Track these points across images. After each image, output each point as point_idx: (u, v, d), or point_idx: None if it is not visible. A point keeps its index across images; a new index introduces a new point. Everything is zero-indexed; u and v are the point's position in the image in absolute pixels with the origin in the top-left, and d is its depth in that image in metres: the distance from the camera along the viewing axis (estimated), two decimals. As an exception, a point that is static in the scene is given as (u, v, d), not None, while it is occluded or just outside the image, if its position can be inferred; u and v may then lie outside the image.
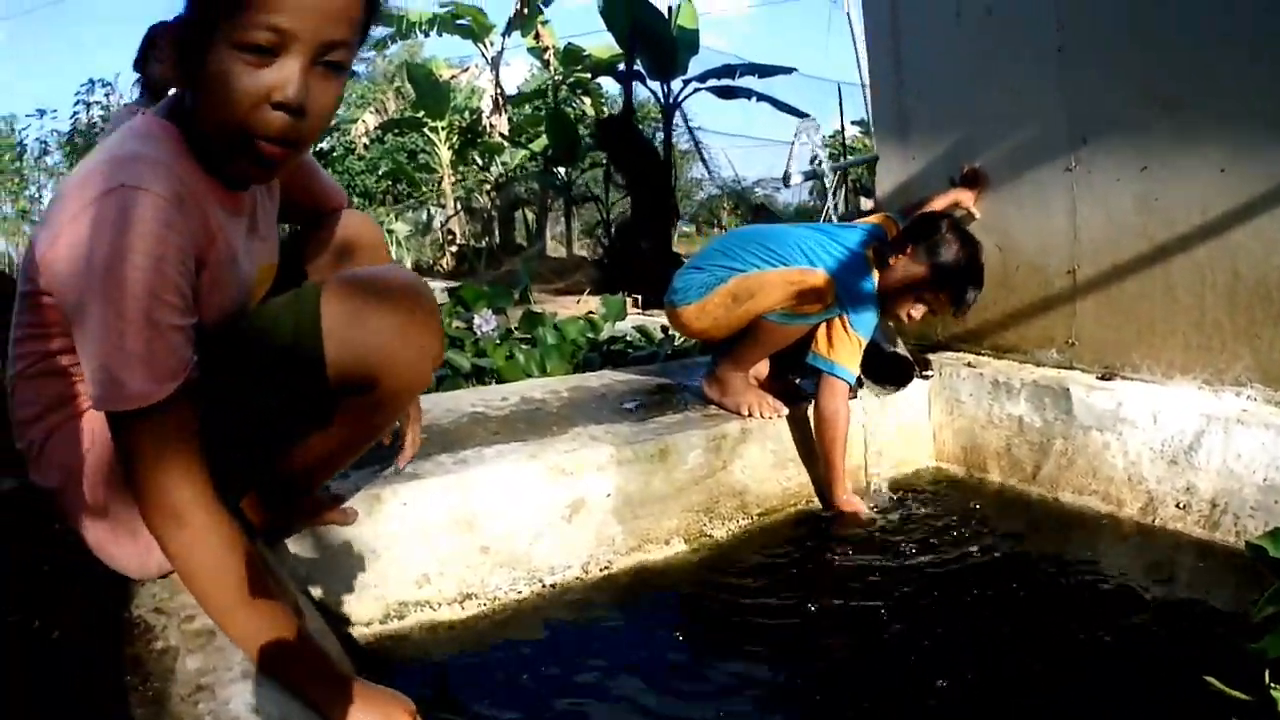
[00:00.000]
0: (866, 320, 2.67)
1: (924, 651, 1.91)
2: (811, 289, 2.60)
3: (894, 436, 3.05)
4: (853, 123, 16.53)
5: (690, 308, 2.76)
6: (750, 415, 2.69)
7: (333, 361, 1.39)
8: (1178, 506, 2.49)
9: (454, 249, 15.92)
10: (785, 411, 2.75)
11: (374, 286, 1.45)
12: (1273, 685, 1.40)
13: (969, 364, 3.14)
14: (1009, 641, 1.96)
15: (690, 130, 13.19)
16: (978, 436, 3.04)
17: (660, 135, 11.45)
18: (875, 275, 2.69)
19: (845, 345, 2.64)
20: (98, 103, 19.06)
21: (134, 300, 1.16)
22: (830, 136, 14.94)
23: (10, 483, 1.92)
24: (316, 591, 1.92)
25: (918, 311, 2.67)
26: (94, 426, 1.38)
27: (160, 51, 3.93)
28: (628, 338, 4.53)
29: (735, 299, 2.67)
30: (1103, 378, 2.82)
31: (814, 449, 2.73)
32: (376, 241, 1.90)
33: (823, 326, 2.69)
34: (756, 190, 15.86)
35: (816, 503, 2.77)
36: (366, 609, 2.00)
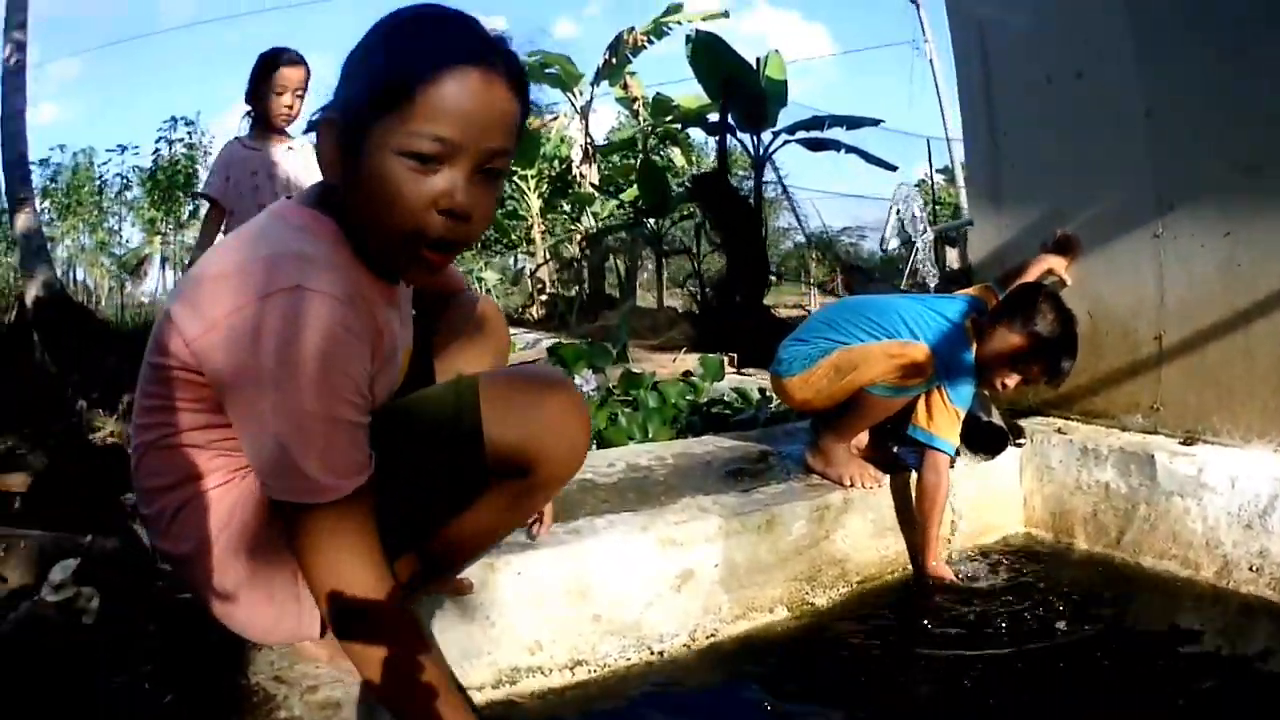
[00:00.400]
0: (965, 393, 2.71)
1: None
2: (912, 362, 2.64)
3: (986, 503, 3.07)
4: (938, 171, 16.52)
5: (795, 379, 2.83)
6: (853, 485, 2.73)
7: (492, 447, 1.47)
8: (1251, 570, 2.52)
9: (543, 298, 16.03)
10: (885, 481, 2.80)
11: (529, 380, 1.56)
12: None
13: (1059, 430, 3.16)
14: (1094, 709, 2.02)
15: (781, 182, 13.21)
16: (1066, 502, 3.05)
17: (748, 185, 11.48)
18: (974, 347, 2.73)
19: (945, 417, 2.69)
20: (180, 139, 19.46)
21: (316, 401, 1.19)
22: (915, 186, 14.93)
23: (114, 542, 1.96)
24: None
25: (1012, 381, 2.70)
26: (228, 500, 1.40)
27: (265, 86, 3.78)
28: (725, 398, 4.56)
29: (838, 371, 2.72)
30: (1184, 442, 2.84)
31: (911, 517, 2.78)
32: (498, 318, 1.99)
33: (922, 397, 2.73)
34: (842, 238, 15.85)
35: (913, 569, 2.79)
36: (480, 674, 2.05)
